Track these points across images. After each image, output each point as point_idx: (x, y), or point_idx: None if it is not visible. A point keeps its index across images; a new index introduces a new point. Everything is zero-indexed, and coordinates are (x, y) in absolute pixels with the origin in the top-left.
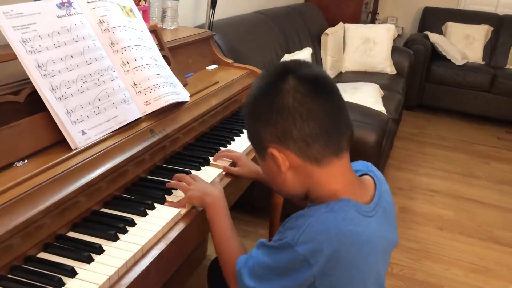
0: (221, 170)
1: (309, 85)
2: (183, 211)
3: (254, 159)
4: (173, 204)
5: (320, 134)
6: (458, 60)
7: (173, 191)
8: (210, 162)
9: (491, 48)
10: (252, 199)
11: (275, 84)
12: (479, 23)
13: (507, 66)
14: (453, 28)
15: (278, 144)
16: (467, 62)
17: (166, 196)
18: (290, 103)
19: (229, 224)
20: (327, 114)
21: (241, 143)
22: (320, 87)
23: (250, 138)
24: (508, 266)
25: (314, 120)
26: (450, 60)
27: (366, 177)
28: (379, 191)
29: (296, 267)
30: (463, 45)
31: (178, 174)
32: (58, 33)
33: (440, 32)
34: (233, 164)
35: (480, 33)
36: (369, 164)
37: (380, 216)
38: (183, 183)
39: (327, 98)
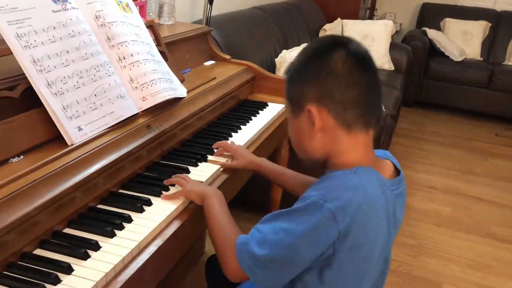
0: (219, 166)
1: (358, 60)
2: (181, 207)
3: (253, 153)
4: (168, 197)
5: (358, 104)
6: (456, 56)
7: (170, 187)
8: (208, 158)
9: (489, 44)
10: (250, 196)
11: (327, 51)
12: (477, 19)
13: (505, 62)
14: (451, 24)
15: (317, 103)
16: (465, 58)
17: (163, 192)
18: (339, 68)
19: (228, 214)
20: (368, 88)
21: (239, 140)
22: (367, 64)
23: (290, 95)
24: (506, 262)
25: (356, 89)
26: (448, 56)
27: (386, 160)
28: (402, 174)
29: (323, 225)
30: (461, 41)
31: (174, 175)
32: (54, 28)
33: (438, 28)
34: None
35: (478, 29)
36: (388, 152)
37: (397, 194)
38: (179, 180)
39: (371, 75)
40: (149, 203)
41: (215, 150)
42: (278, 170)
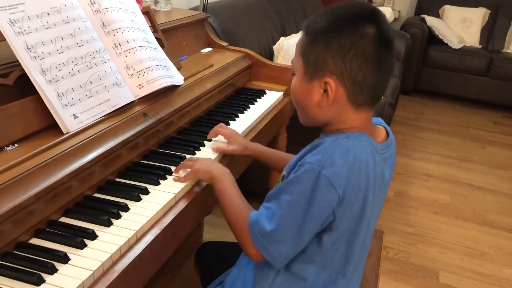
0: (217, 154)
1: (386, 44)
2: (179, 195)
3: (253, 140)
4: (179, 179)
5: (375, 87)
6: (455, 44)
7: (167, 176)
8: (205, 147)
9: (488, 32)
10: (247, 185)
11: (359, 24)
12: (476, 6)
13: (504, 50)
14: (450, 11)
15: (337, 78)
16: (464, 45)
17: (172, 171)
18: (369, 51)
19: (239, 192)
20: (388, 73)
21: (236, 128)
22: (392, 49)
23: (308, 57)
24: (503, 250)
25: (378, 75)
26: (447, 44)
27: (379, 126)
28: (392, 137)
29: (321, 190)
30: (460, 28)
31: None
32: (48, 14)
33: (437, 15)
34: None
35: (477, 16)
36: (380, 119)
37: (386, 157)
38: (187, 161)
39: (392, 59)
40: (146, 192)
41: (212, 139)
42: (276, 154)
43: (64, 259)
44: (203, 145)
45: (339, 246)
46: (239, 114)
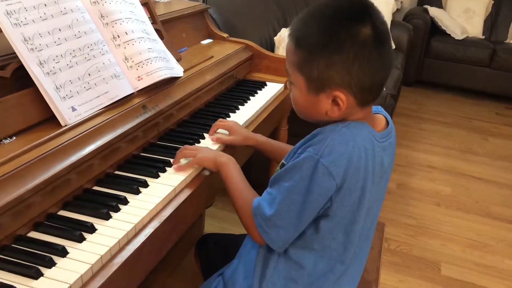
0: (218, 145)
1: (383, 40)
2: (178, 188)
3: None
4: (180, 168)
5: (380, 84)
6: (458, 35)
7: (167, 168)
8: (206, 139)
9: (491, 22)
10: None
11: (357, 31)
12: None
13: (507, 41)
14: (453, 1)
15: (345, 89)
16: (467, 36)
17: (172, 161)
18: (374, 55)
19: (243, 178)
20: (389, 66)
21: (237, 120)
22: (389, 40)
23: (309, 72)
24: (505, 241)
25: (382, 71)
26: (449, 35)
27: (378, 115)
28: (391, 125)
29: (320, 179)
30: (463, 19)
31: (179, 150)
32: (45, 5)
33: (440, 6)
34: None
35: (481, 6)
36: (380, 107)
37: (386, 146)
38: (187, 151)
39: (390, 51)
40: (145, 185)
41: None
42: (277, 145)
43: (63, 252)
44: (203, 137)
45: (337, 234)
46: (239, 106)
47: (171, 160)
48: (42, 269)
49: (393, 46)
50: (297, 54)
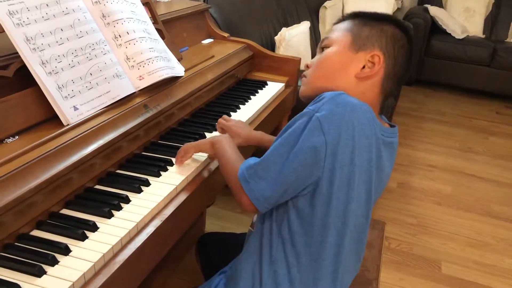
0: None
1: (411, 54)
2: (180, 187)
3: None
4: (181, 159)
5: (399, 80)
6: (458, 34)
7: (168, 167)
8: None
9: (492, 21)
10: None
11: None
12: None
13: (508, 40)
14: (453, 0)
15: (384, 56)
16: (467, 35)
17: (173, 162)
18: (408, 48)
19: (237, 152)
20: (404, 76)
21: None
22: (411, 62)
23: (362, 34)
24: (505, 240)
25: (406, 70)
26: (450, 34)
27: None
28: (396, 128)
29: (310, 130)
30: (463, 18)
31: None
32: (47, 5)
33: (440, 5)
34: None
35: (481, 5)
36: (383, 116)
37: (387, 142)
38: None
39: (409, 69)
40: (147, 183)
41: (213, 133)
42: None
43: (65, 250)
44: (204, 137)
45: (331, 212)
46: (240, 106)
47: (173, 159)
48: (45, 267)
49: None
50: (352, 22)
